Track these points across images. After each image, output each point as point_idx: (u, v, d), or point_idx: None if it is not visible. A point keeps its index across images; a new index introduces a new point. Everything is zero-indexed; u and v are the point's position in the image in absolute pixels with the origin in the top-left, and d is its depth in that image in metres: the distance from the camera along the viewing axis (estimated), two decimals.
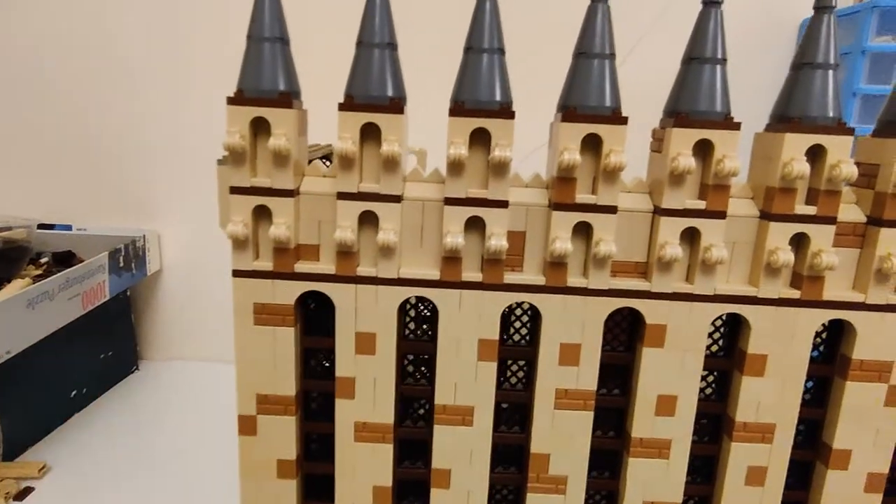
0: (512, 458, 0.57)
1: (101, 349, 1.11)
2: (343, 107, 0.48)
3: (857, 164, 0.52)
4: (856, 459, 0.54)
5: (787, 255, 0.49)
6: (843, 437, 0.54)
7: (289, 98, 0.48)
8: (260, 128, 0.49)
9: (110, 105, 1.16)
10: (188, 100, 1.09)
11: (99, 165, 1.35)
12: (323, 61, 0.53)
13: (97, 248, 1.11)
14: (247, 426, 0.55)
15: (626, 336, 0.55)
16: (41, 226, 1.21)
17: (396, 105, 0.48)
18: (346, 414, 0.54)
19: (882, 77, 1.28)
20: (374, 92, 0.49)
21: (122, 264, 1.13)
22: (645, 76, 0.50)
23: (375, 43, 0.49)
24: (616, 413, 0.56)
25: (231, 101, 0.48)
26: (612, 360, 0.55)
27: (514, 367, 0.57)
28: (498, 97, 0.49)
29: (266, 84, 0.48)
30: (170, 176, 1.15)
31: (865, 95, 1.28)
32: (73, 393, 1.02)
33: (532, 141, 0.62)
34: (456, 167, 0.49)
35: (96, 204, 1.45)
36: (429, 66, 0.61)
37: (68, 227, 1.38)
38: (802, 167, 0.47)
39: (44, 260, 1.11)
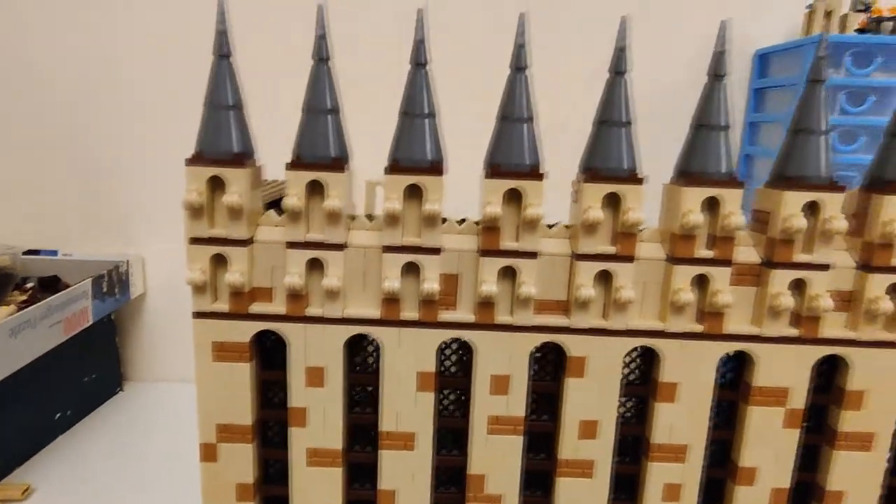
0: (453, 479, 0.63)
1: (85, 372, 1.15)
2: (291, 166, 0.54)
3: (755, 210, 0.59)
4: (761, 476, 0.60)
5: (687, 295, 0.55)
6: (748, 456, 0.60)
7: (242, 158, 0.54)
8: (217, 184, 0.55)
9: (94, 129, 1.21)
10: (171, 124, 1.14)
11: (83, 190, 1.40)
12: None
13: (82, 273, 1.15)
14: (208, 453, 0.60)
15: (552, 367, 0.61)
16: (26, 252, 1.25)
17: (338, 164, 0.54)
18: (298, 441, 0.60)
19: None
20: (318, 152, 0.54)
21: (105, 289, 1.18)
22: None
23: (320, 109, 0.54)
24: (547, 437, 0.62)
25: (189, 161, 0.54)
26: (542, 388, 0.61)
27: (452, 396, 0.62)
28: (429, 156, 0.55)
29: (222, 146, 0.54)
30: (153, 200, 1.18)
31: None
32: (58, 416, 1.06)
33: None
34: (392, 219, 0.55)
35: (81, 229, 1.49)
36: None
37: (54, 253, 1.42)
38: (698, 218, 0.53)
39: (29, 285, 1.15)
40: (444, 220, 0.58)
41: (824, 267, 0.55)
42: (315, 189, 0.55)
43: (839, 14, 1.38)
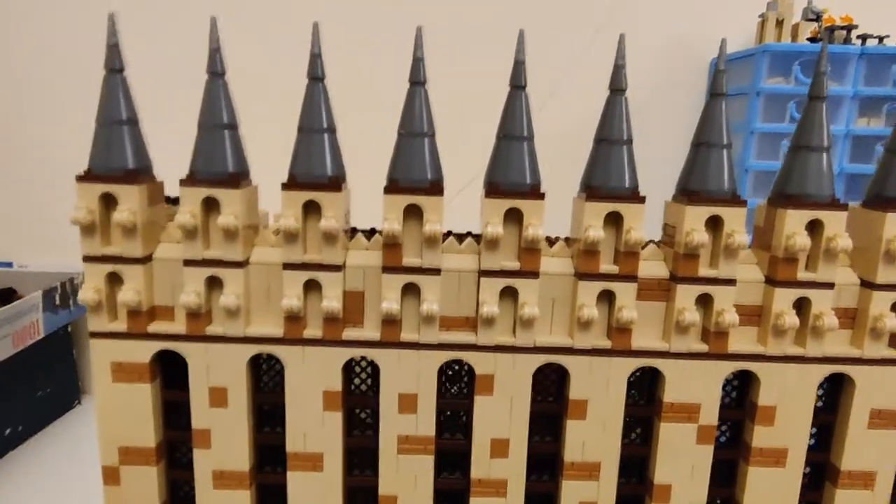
0: (367, 501, 0.62)
1: (38, 386, 1.13)
2: (184, 182, 0.53)
3: (665, 224, 0.58)
4: (676, 493, 0.59)
5: (591, 311, 0.54)
6: (663, 472, 0.59)
7: (135, 175, 0.53)
8: (111, 201, 0.53)
9: (47, 138, 1.19)
10: None
11: (37, 201, 1.38)
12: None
13: (38, 285, 1.13)
14: (110, 476, 0.58)
15: (465, 384, 0.60)
16: None
17: (234, 180, 0.53)
18: (203, 463, 0.58)
19: (775, 116, 1.37)
20: (215, 168, 0.53)
21: (58, 302, 1.16)
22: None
23: (214, 123, 0.53)
24: (462, 456, 0.61)
25: (80, 178, 0.52)
26: (453, 406, 0.60)
27: (363, 415, 0.61)
28: (329, 171, 0.54)
29: (114, 162, 0.53)
30: None
31: (762, 133, 1.36)
32: (7, 431, 1.03)
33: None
34: (291, 237, 0.53)
35: (37, 240, 1.47)
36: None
37: (9, 265, 1.40)
38: (598, 233, 0.53)
39: None
40: (354, 232, 0.57)
41: (729, 282, 0.55)
42: (212, 206, 0.54)
43: (790, 23, 1.39)
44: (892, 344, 0.57)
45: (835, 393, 0.60)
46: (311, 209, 0.54)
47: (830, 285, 0.55)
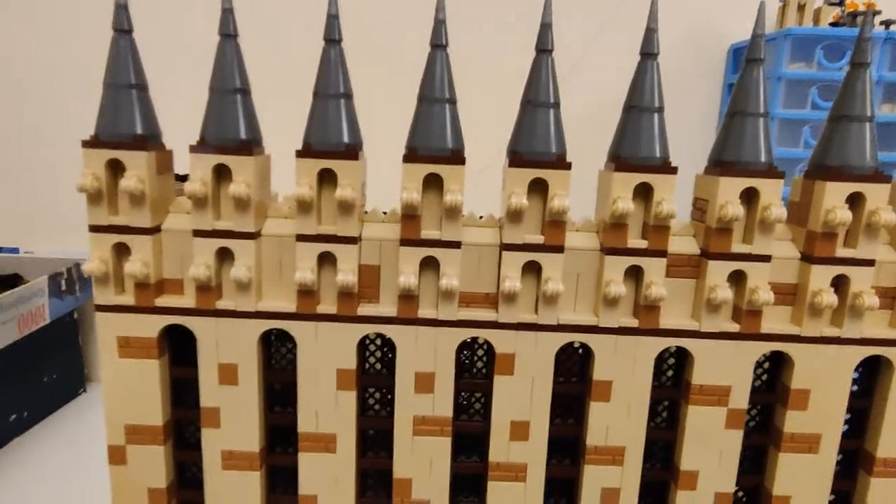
0: (382, 484, 0.59)
1: (44, 372, 1.11)
2: (194, 149, 0.51)
3: (696, 199, 0.56)
4: (703, 480, 0.57)
5: (618, 288, 0.51)
6: (689, 458, 0.56)
7: (144, 141, 0.51)
8: (120, 168, 0.51)
9: (51, 123, 1.17)
10: None
11: (44, 188, 1.36)
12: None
13: (43, 271, 1.11)
14: (116, 456, 0.56)
15: (484, 364, 0.58)
16: None
17: (247, 147, 0.51)
18: (212, 443, 0.56)
19: (797, 101, 1.33)
20: (226, 134, 0.51)
21: (64, 287, 1.14)
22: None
23: (227, 89, 0.51)
24: (479, 438, 0.58)
25: (85, 144, 0.50)
26: (473, 387, 0.57)
27: (378, 395, 0.59)
28: (346, 139, 0.51)
29: (122, 128, 0.51)
30: None
31: (783, 120, 1.33)
32: (13, 417, 1.02)
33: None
34: (305, 206, 0.51)
35: (44, 226, 1.45)
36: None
37: (15, 251, 1.38)
38: (627, 205, 0.50)
39: None
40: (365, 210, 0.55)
41: (764, 258, 0.52)
42: (224, 174, 0.52)
43: (812, 8, 1.35)
44: None
45: (871, 376, 0.57)
46: (326, 179, 0.52)
47: (871, 262, 0.52)
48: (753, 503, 0.60)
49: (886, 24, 1.36)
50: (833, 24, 1.36)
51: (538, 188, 0.52)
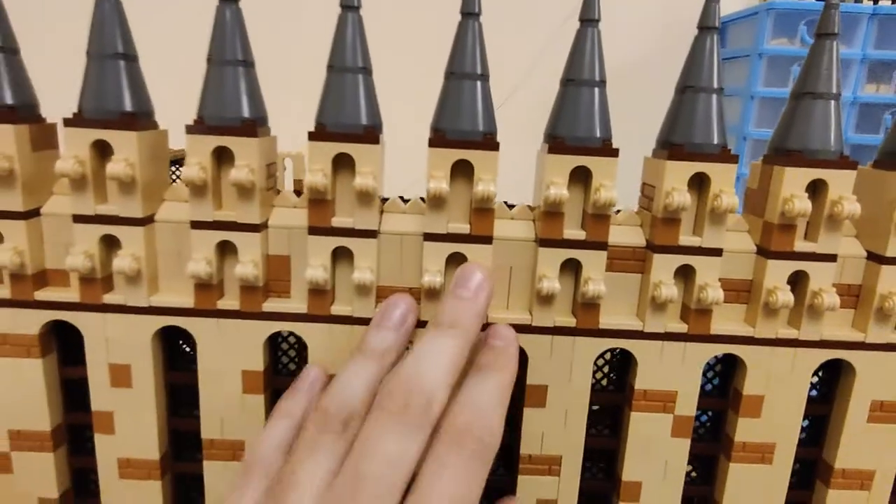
0: None
1: None
2: (69, 123, 0.45)
3: (644, 184, 0.50)
4: (647, 491, 0.52)
5: (552, 283, 0.46)
6: (632, 468, 0.52)
7: (14, 112, 0.45)
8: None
9: None
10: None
11: None
12: None
13: None
14: (0, 463, 0.51)
15: None
16: None
17: (129, 121, 0.45)
18: (107, 450, 0.51)
19: (778, 79, 1.28)
20: (107, 105, 0.45)
21: None
22: None
23: (106, 54, 0.45)
24: None
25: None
26: None
27: None
28: (247, 112, 0.45)
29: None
30: None
31: (763, 98, 1.27)
32: None
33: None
34: (197, 189, 0.45)
35: None
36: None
37: None
38: (560, 191, 0.44)
39: None
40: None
41: (715, 251, 0.47)
42: (107, 151, 0.45)
43: None
44: None
45: (831, 382, 0.53)
46: (225, 157, 0.46)
47: (832, 257, 0.47)
48: None
49: None
50: None
51: (465, 171, 0.46)
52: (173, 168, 0.99)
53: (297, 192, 0.50)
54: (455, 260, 0.47)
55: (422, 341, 0.39)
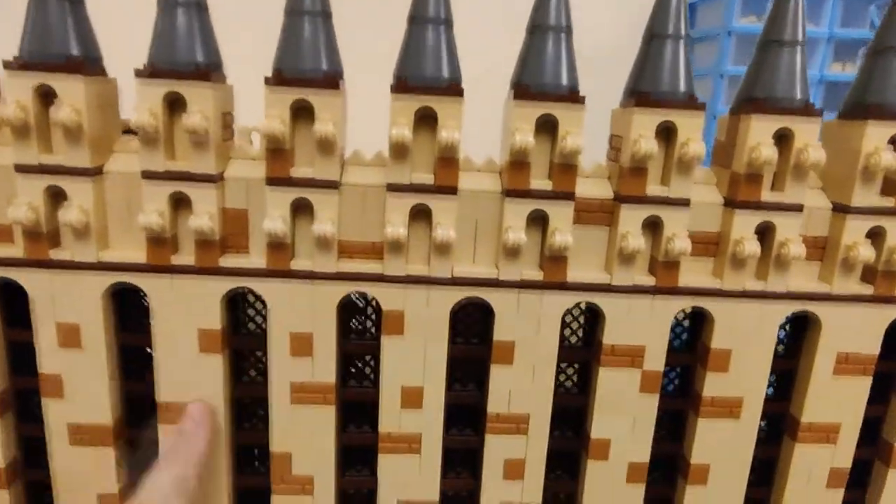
0: (260, 459, 0.53)
1: None
2: (9, 66, 0.42)
3: (612, 136, 0.50)
4: (616, 448, 0.52)
5: (518, 235, 0.45)
6: (601, 425, 0.51)
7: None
8: None
9: None
10: None
11: None
12: None
13: None
14: None
15: (373, 323, 0.51)
16: None
17: (74, 65, 0.42)
18: (56, 415, 0.48)
19: (748, 58, 1.28)
20: (52, 49, 0.42)
21: None
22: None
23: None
24: (370, 407, 0.52)
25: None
26: (359, 350, 0.51)
27: (254, 360, 0.52)
28: (201, 57, 0.43)
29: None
30: None
31: (733, 77, 1.28)
32: None
33: None
34: (149, 137, 0.43)
35: None
36: None
37: None
38: (526, 139, 0.43)
39: None
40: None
41: (682, 202, 0.46)
42: (50, 98, 0.43)
43: None
44: (865, 279, 0.49)
45: (797, 336, 0.53)
46: (178, 107, 0.44)
47: (798, 208, 0.47)
48: (669, 473, 0.55)
49: None
50: None
51: (429, 120, 0.45)
52: None
53: None
54: (420, 214, 0.46)
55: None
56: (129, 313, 0.50)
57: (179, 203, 0.45)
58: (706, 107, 0.45)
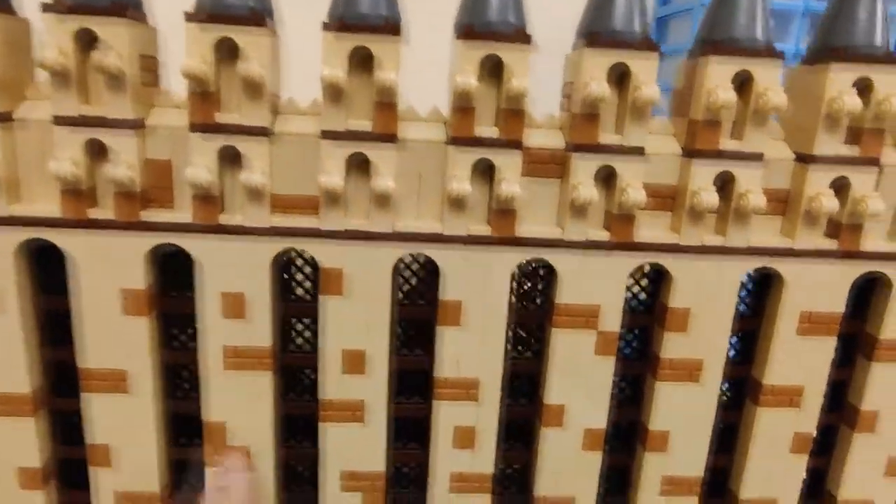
0: (193, 430, 0.50)
1: None
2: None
3: (565, 83, 0.47)
4: (571, 415, 0.49)
5: (462, 185, 0.42)
6: (555, 391, 0.49)
7: None
8: None
9: None
10: None
11: None
12: None
13: None
14: None
15: (312, 283, 0.49)
16: None
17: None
18: None
19: None
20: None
21: None
22: None
23: None
24: (314, 374, 0.49)
25: None
26: (297, 312, 0.48)
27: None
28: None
29: None
30: None
31: None
32: None
33: None
34: (61, 79, 0.40)
35: None
36: None
37: None
38: (467, 81, 0.40)
39: None
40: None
41: (636, 150, 0.44)
42: None
43: None
44: (829, 233, 0.47)
45: (760, 295, 0.50)
46: (95, 46, 0.40)
47: (759, 157, 0.44)
48: (627, 441, 0.53)
49: None
50: None
51: (367, 63, 0.42)
52: None
53: None
54: (361, 166, 0.43)
55: None
56: (55, 274, 0.47)
57: (99, 154, 0.42)
58: (660, 48, 0.42)
